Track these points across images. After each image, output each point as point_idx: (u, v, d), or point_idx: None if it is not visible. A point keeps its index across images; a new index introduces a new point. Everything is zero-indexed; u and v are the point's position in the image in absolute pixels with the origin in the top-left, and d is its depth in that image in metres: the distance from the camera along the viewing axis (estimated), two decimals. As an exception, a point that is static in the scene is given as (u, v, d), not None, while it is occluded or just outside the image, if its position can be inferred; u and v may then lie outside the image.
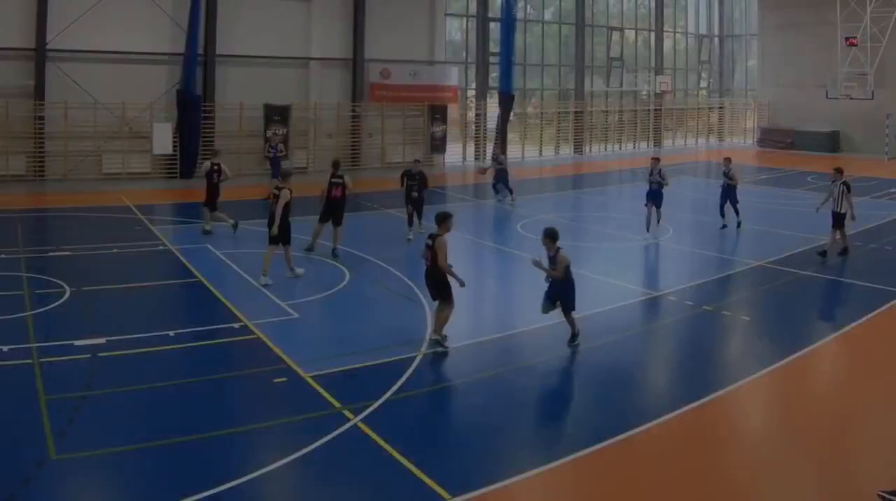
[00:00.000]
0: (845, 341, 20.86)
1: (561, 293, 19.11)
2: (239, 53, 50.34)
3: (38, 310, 21.28)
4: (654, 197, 32.34)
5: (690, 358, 19.39)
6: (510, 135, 63.08)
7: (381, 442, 13.95)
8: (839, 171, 29.64)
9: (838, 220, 28.88)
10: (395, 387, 16.49)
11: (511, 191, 41.71)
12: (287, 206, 24.30)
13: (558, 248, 18.99)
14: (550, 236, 19.15)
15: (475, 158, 62.32)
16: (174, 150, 48.03)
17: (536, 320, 20.62)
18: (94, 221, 34.30)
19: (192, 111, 47.72)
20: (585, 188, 50.41)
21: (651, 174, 32.46)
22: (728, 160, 35.32)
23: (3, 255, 26.92)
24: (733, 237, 33.19)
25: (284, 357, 18.09)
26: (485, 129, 63.06)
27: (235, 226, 31.72)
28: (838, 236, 29.03)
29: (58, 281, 23.98)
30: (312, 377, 16.86)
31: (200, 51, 48.41)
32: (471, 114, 63.31)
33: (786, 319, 22.78)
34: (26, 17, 43.88)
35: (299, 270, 25.10)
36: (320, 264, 27.25)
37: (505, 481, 12.83)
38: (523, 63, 65.81)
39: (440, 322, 19.42)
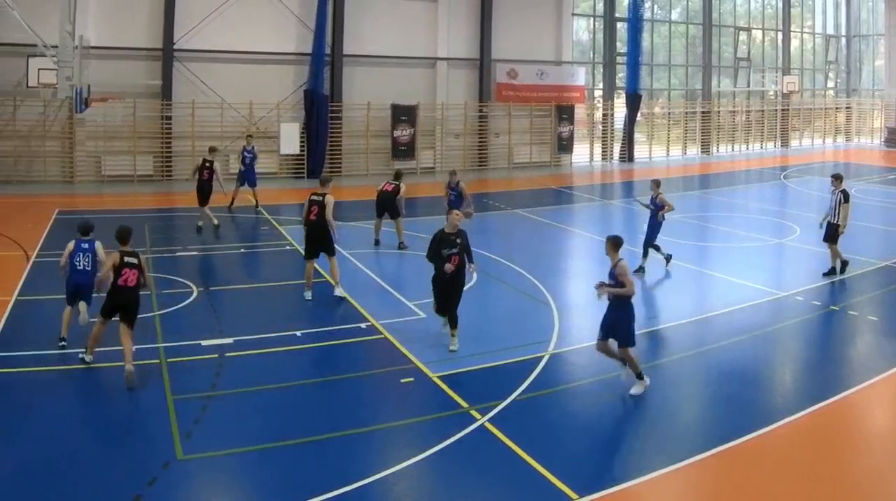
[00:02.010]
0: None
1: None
2: (366, 53, 48.27)
3: (166, 310, 20.68)
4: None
5: (817, 358, 18.68)
6: (637, 135, 60.33)
7: (509, 443, 13.48)
8: (838, 179, 25.35)
9: (832, 233, 24.90)
10: (522, 387, 15.89)
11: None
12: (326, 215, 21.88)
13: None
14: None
15: (602, 158, 59.62)
16: (301, 150, 46.31)
17: (661, 320, 20.73)
18: (221, 221, 32.65)
19: (319, 111, 46.02)
20: (712, 188, 47.60)
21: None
22: (656, 184, 26.39)
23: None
24: (860, 237, 29.77)
25: (412, 357, 17.43)
26: (612, 129, 60.02)
27: (217, 227, 30.83)
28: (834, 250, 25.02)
29: (185, 282, 23.43)
30: (440, 377, 16.36)
31: (327, 50, 46.59)
32: (598, 114, 60.40)
33: (913, 319, 21.55)
34: (154, 18, 42.83)
35: (342, 291, 22.20)
36: None
37: (632, 481, 12.35)
38: (650, 63, 62.62)
39: None
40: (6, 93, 39.82)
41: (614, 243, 15.81)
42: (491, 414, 14.55)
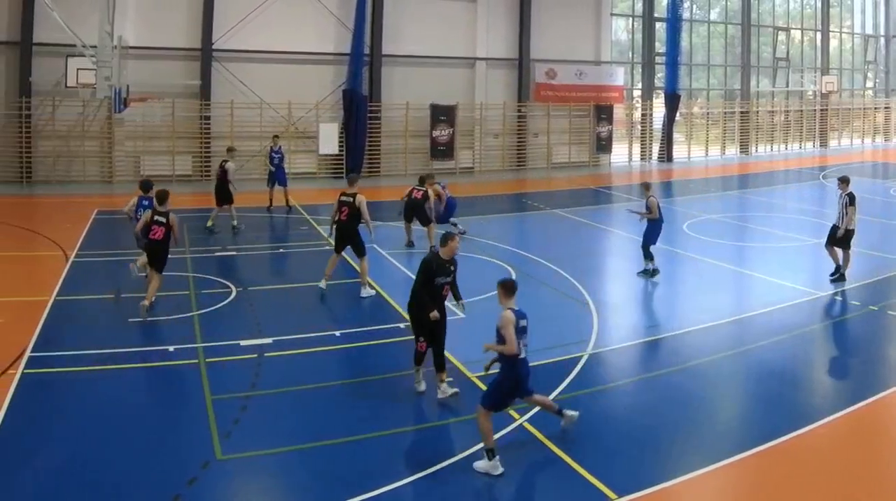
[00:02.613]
0: None
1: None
2: (405, 53, 47.46)
3: (205, 310, 20.47)
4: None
5: (856, 358, 18.33)
6: (676, 135, 59.32)
7: (547, 443, 13.29)
8: (844, 181, 24.13)
9: (843, 237, 23.61)
10: (560, 387, 15.66)
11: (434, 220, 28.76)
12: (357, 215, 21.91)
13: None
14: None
15: (641, 158, 58.73)
16: (340, 150, 45.57)
17: (700, 320, 20.07)
18: (260, 221, 32.70)
19: (358, 111, 45.25)
20: (751, 188, 46.84)
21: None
22: (646, 187, 24.98)
23: (169, 256, 25.09)
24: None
25: (450, 357, 16.38)
26: (650, 129, 58.93)
27: (211, 229, 30.15)
28: (840, 253, 23.80)
29: (224, 282, 23.16)
30: (478, 377, 15.77)
31: (366, 50, 45.88)
32: (636, 114, 59.56)
33: (955, 318, 20.99)
34: (192, 18, 42.42)
35: (370, 292, 22.09)
36: (486, 264, 25.72)
37: (671, 481, 12.13)
38: (689, 63, 61.01)
39: None
40: (45, 93, 39.59)
41: (505, 289, 12.94)
42: (529, 414, 14.24)
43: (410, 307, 15.40)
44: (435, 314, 14.89)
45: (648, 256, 24.08)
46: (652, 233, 24.10)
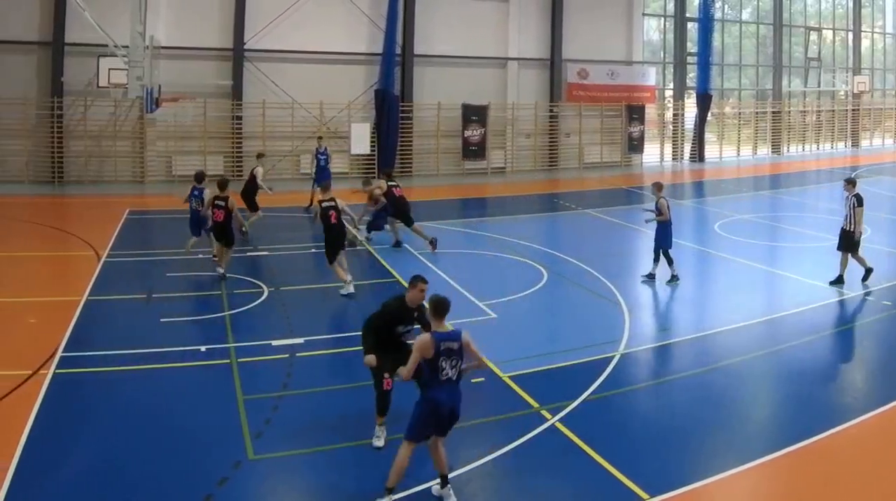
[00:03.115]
0: None
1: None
2: (436, 53, 47.07)
3: (237, 310, 20.33)
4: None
5: (888, 358, 17.79)
6: (707, 135, 58.51)
7: (579, 442, 13.15)
8: (851, 183, 23.40)
9: (846, 241, 22.98)
10: (592, 388, 15.48)
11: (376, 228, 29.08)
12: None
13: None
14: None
15: (673, 158, 58.10)
16: (372, 150, 45.11)
17: (733, 320, 19.87)
18: (292, 221, 32.67)
19: (390, 111, 44.90)
20: (783, 188, 46.16)
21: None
22: (658, 187, 23.98)
23: (201, 255, 25.37)
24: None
25: (482, 356, 15.28)
26: (682, 129, 58.41)
27: (244, 233, 29.12)
28: (853, 258, 23.08)
29: (256, 282, 23.03)
30: (510, 377, 15.93)
31: (398, 50, 45.52)
32: (668, 114, 58.89)
33: None
34: (224, 18, 42.31)
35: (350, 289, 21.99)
36: (518, 264, 25.81)
37: (703, 481, 12.03)
38: (721, 63, 60.49)
39: None
40: (77, 93, 39.55)
41: (432, 309, 11.45)
42: (562, 413, 14.19)
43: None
44: (370, 359, 12.82)
45: (669, 260, 23.31)
46: (664, 236, 23.35)
